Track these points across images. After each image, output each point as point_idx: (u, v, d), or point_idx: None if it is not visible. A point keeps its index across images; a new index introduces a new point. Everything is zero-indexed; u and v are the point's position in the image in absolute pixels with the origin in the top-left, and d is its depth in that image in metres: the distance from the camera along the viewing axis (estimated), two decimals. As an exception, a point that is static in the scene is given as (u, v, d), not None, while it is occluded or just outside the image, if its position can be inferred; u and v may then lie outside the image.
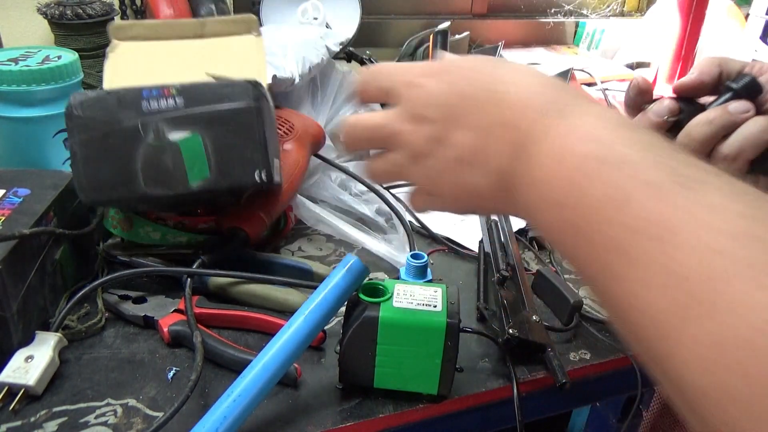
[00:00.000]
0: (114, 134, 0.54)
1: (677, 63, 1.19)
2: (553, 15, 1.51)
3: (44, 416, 0.48)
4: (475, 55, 0.39)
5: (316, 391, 0.52)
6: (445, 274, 0.70)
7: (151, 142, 0.55)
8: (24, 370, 0.49)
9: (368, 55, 1.07)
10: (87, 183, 0.55)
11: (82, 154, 0.54)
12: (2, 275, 0.48)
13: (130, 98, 0.55)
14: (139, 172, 0.55)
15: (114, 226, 0.65)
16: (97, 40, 1.00)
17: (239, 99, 0.56)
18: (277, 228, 0.73)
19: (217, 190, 0.56)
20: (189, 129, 0.55)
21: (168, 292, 0.61)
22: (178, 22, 0.74)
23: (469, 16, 1.48)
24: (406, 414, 0.51)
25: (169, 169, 0.55)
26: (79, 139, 0.54)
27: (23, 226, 0.52)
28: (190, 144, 0.55)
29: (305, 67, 0.83)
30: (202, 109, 0.55)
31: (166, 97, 0.55)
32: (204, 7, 1.08)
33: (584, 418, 1.21)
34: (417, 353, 0.48)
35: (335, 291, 0.48)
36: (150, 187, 0.55)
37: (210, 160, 0.56)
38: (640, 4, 1.63)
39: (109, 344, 0.56)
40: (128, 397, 0.50)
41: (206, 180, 0.55)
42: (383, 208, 0.79)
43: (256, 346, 0.56)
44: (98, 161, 0.54)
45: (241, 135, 0.56)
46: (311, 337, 0.48)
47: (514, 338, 0.54)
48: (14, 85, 0.66)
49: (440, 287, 0.51)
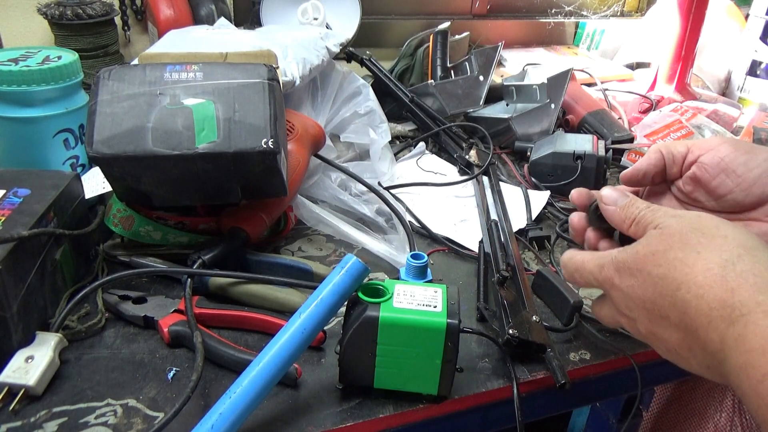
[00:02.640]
0: (133, 97, 0.57)
1: (677, 63, 1.19)
2: (553, 15, 1.51)
3: (44, 416, 0.48)
4: (641, 249, 0.41)
5: (316, 391, 0.52)
6: (445, 274, 0.70)
7: (166, 105, 0.57)
8: (24, 370, 0.49)
9: (368, 55, 1.07)
10: (98, 136, 0.56)
11: (100, 110, 0.57)
12: (2, 275, 0.48)
13: (154, 70, 0.59)
14: (150, 130, 0.56)
15: (115, 224, 0.65)
16: (97, 41, 1.00)
17: (254, 76, 0.60)
18: (277, 228, 0.73)
19: (221, 156, 0.57)
20: (204, 97, 0.58)
21: (168, 292, 0.61)
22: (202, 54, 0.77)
23: (469, 16, 1.48)
24: (406, 414, 0.51)
25: (179, 129, 0.57)
26: (100, 99, 0.57)
27: (23, 227, 0.52)
28: (203, 109, 0.57)
29: (306, 68, 0.83)
30: (219, 82, 0.59)
31: (188, 71, 0.60)
32: (204, 7, 1.08)
33: (584, 418, 1.21)
34: (417, 353, 0.48)
35: (335, 291, 0.48)
36: (157, 145, 0.56)
37: (219, 124, 0.57)
38: (640, 4, 1.63)
39: (109, 344, 0.56)
40: (128, 398, 0.50)
41: (213, 143, 0.56)
42: (383, 209, 0.79)
43: (256, 346, 0.56)
44: (113, 118, 0.56)
45: (251, 106, 0.59)
46: (311, 337, 0.48)
47: (514, 338, 0.54)
48: (14, 85, 0.66)
49: (440, 287, 0.51)
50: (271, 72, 0.61)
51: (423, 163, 0.97)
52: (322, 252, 0.73)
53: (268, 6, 1.13)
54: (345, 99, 0.93)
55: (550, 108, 1.01)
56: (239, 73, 0.60)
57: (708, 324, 0.35)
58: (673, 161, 0.49)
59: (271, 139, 0.57)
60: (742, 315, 0.33)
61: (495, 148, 1.01)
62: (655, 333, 0.40)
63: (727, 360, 0.33)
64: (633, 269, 0.40)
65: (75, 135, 0.72)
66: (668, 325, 0.38)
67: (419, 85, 1.10)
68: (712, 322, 0.34)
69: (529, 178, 0.92)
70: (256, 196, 0.65)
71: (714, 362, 0.35)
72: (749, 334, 0.32)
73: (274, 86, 0.60)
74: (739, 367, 0.32)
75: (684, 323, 0.37)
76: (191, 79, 0.59)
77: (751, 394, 0.31)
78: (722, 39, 1.35)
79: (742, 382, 0.32)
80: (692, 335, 0.36)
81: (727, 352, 0.33)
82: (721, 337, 0.34)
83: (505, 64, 1.40)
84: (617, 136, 1.00)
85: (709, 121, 1.07)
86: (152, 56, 0.75)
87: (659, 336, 0.40)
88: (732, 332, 0.33)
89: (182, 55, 0.76)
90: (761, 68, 1.28)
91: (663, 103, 1.17)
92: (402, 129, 1.07)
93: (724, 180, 0.46)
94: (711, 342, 0.35)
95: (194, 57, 0.75)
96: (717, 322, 0.34)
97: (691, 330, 0.36)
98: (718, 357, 0.34)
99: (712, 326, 0.34)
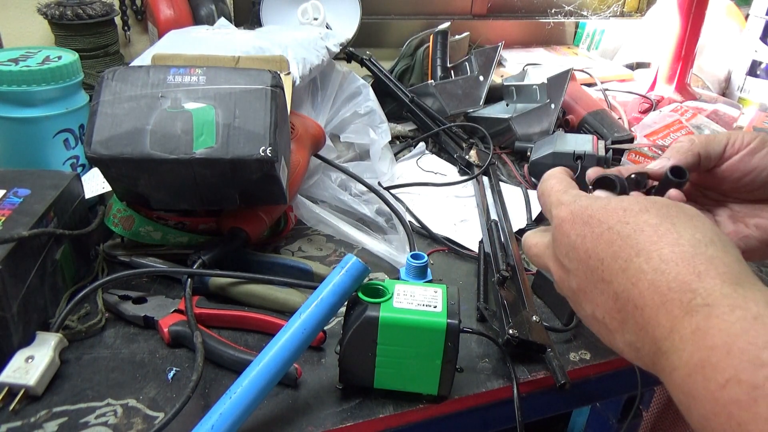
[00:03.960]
0: (135, 99, 0.57)
1: (677, 63, 1.19)
2: (553, 15, 1.51)
3: (44, 416, 0.48)
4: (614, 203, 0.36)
5: (316, 391, 0.52)
6: (445, 274, 0.70)
7: (166, 109, 0.57)
8: (24, 370, 0.49)
9: (368, 55, 1.07)
10: (97, 137, 0.55)
11: (102, 111, 0.56)
12: (2, 275, 0.48)
13: (158, 72, 0.59)
14: (149, 133, 0.56)
15: (115, 225, 0.65)
16: (97, 41, 1.00)
17: (257, 82, 0.59)
18: (277, 228, 0.73)
19: (219, 162, 0.56)
20: (205, 102, 0.58)
21: (168, 292, 0.61)
22: (214, 57, 0.76)
23: (469, 17, 1.48)
24: (406, 414, 0.51)
25: (177, 133, 0.56)
26: (102, 100, 0.57)
27: (23, 227, 0.52)
28: (203, 113, 0.57)
29: (306, 68, 0.83)
30: (221, 87, 0.59)
31: (191, 75, 0.59)
32: (204, 8, 1.08)
33: (584, 418, 1.21)
34: (417, 354, 0.48)
35: (335, 291, 0.48)
36: (155, 148, 0.56)
37: (218, 130, 0.57)
38: (640, 4, 1.63)
39: (109, 344, 0.56)
40: (128, 398, 0.50)
41: (210, 148, 0.56)
42: (383, 209, 0.79)
43: (256, 346, 0.56)
44: (113, 119, 0.56)
45: (252, 112, 0.58)
46: (311, 337, 0.48)
47: (514, 338, 0.54)
48: (14, 85, 0.66)
49: (440, 287, 0.51)
50: (275, 78, 0.60)
51: (423, 163, 0.97)
52: (322, 252, 0.73)
53: (268, 6, 1.13)
54: (345, 99, 0.93)
55: (550, 108, 1.01)
56: (243, 78, 0.60)
57: (660, 305, 0.30)
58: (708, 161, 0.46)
59: (270, 147, 0.57)
60: (705, 305, 0.28)
61: (495, 148, 1.01)
62: (586, 293, 0.36)
63: (674, 352, 0.29)
64: (594, 218, 0.36)
65: (75, 135, 0.72)
66: (607, 290, 0.34)
67: (419, 85, 1.10)
68: (666, 304, 0.30)
69: (529, 178, 0.92)
70: (255, 203, 0.65)
71: (651, 348, 0.31)
72: (711, 329, 0.27)
73: (277, 93, 0.60)
74: (694, 364, 0.27)
75: (628, 295, 0.32)
76: (194, 83, 0.59)
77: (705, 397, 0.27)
78: (722, 39, 1.35)
79: (695, 382, 0.27)
80: (634, 311, 0.32)
81: (676, 343, 0.29)
82: (672, 325, 0.29)
83: (505, 64, 1.40)
84: (617, 136, 1.00)
85: (709, 121, 1.07)
86: (165, 57, 0.75)
87: (590, 298, 0.36)
88: (689, 323, 0.28)
89: (195, 57, 0.76)
90: (761, 68, 1.28)
91: (663, 103, 1.17)
92: (402, 129, 1.07)
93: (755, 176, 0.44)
94: (658, 326, 0.30)
95: (206, 60, 0.75)
96: (672, 305, 0.30)
97: (634, 305, 0.32)
98: (662, 345, 0.30)
99: (665, 309, 0.30)
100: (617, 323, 0.34)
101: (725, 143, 0.45)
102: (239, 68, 0.64)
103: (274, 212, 0.69)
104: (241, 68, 0.64)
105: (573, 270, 0.37)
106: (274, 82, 0.60)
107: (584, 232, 0.36)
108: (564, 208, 0.39)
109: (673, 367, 0.29)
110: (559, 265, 0.39)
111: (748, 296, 0.28)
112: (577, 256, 0.36)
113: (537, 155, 0.91)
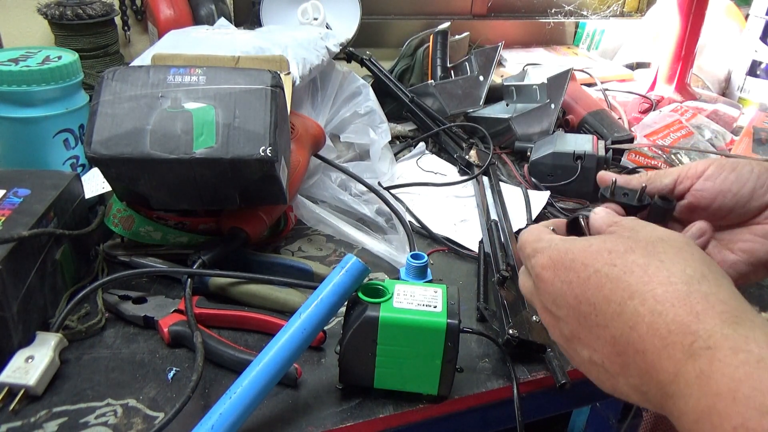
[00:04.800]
0: (135, 98, 0.57)
1: (677, 63, 1.19)
2: (553, 15, 1.51)
3: (44, 416, 0.48)
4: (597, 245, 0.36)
5: (316, 391, 0.52)
6: (445, 274, 0.70)
7: (166, 109, 0.57)
8: (24, 370, 0.49)
9: (368, 55, 1.07)
10: (97, 137, 0.55)
11: (102, 111, 0.56)
12: (2, 275, 0.48)
13: (158, 72, 0.59)
14: (148, 133, 0.56)
15: (115, 224, 0.65)
16: (97, 41, 1.00)
17: (257, 82, 0.59)
18: (277, 228, 0.73)
19: (218, 162, 0.56)
20: (205, 102, 0.58)
21: (168, 292, 0.61)
22: (214, 57, 0.76)
23: (469, 17, 1.48)
24: (406, 414, 0.51)
25: (177, 133, 0.56)
26: (102, 99, 0.57)
27: (23, 227, 0.52)
28: (203, 113, 0.57)
29: (306, 68, 0.83)
30: (221, 87, 0.59)
31: (191, 75, 0.59)
32: (204, 8, 1.08)
33: (584, 418, 1.21)
34: (417, 354, 0.48)
35: (335, 291, 0.48)
36: (155, 148, 0.56)
37: (218, 130, 0.57)
38: (640, 4, 1.63)
39: (109, 344, 0.56)
40: (128, 398, 0.50)
41: (210, 148, 0.56)
42: (383, 209, 0.79)
43: (256, 346, 0.56)
44: (113, 119, 0.56)
45: (252, 112, 0.58)
46: (311, 337, 0.48)
47: (514, 338, 0.54)
48: (14, 85, 0.66)
49: (440, 288, 0.51)
50: (275, 78, 0.60)
51: (423, 163, 0.97)
52: (322, 252, 0.73)
53: (268, 6, 1.13)
54: (345, 99, 0.93)
55: (550, 108, 1.01)
56: (243, 78, 0.60)
57: (662, 348, 0.30)
58: None
59: (270, 147, 0.57)
60: (707, 348, 0.28)
61: (495, 148, 1.01)
62: (581, 338, 0.35)
63: (681, 397, 0.29)
64: (577, 262, 0.35)
65: (75, 135, 0.72)
66: (603, 335, 0.33)
67: (419, 85, 1.10)
68: (667, 348, 0.29)
69: (529, 178, 0.92)
70: (255, 203, 0.65)
71: (658, 391, 0.30)
72: (715, 374, 0.27)
73: (277, 93, 0.60)
74: (701, 411, 0.27)
75: (627, 339, 0.32)
76: (194, 83, 0.59)
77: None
78: (722, 39, 1.35)
79: (704, 429, 0.27)
80: (635, 355, 0.31)
81: (682, 388, 0.29)
82: (676, 369, 0.29)
83: (505, 64, 1.40)
84: (617, 137, 1.00)
85: (709, 121, 1.07)
86: (165, 57, 0.75)
87: (586, 343, 0.35)
88: (693, 367, 0.28)
89: (195, 57, 0.76)
90: (761, 68, 1.28)
91: (663, 103, 1.17)
92: (402, 129, 1.07)
93: (722, 201, 0.45)
94: (663, 370, 0.30)
95: (206, 60, 0.75)
96: (673, 349, 0.29)
97: (635, 349, 0.31)
98: (667, 389, 0.29)
99: (667, 352, 0.29)
100: (618, 367, 0.33)
101: (676, 176, 0.46)
102: (239, 68, 0.64)
103: (274, 212, 0.69)
104: (241, 68, 0.64)
105: (563, 317, 0.36)
106: (274, 82, 0.60)
107: (569, 278, 0.35)
108: (540, 256, 0.38)
109: (681, 412, 0.29)
110: (548, 312, 0.38)
111: (749, 337, 0.28)
112: (566, 303, 0.35)
113: (537, 155, 0.91)
